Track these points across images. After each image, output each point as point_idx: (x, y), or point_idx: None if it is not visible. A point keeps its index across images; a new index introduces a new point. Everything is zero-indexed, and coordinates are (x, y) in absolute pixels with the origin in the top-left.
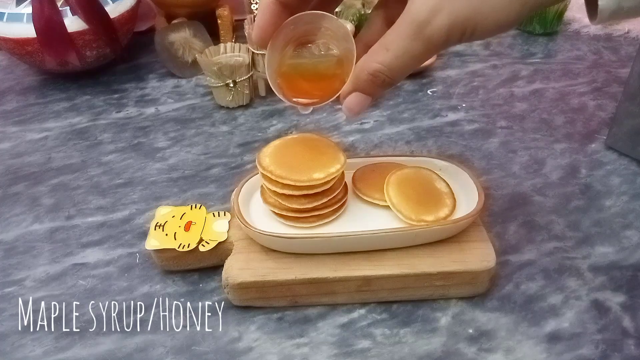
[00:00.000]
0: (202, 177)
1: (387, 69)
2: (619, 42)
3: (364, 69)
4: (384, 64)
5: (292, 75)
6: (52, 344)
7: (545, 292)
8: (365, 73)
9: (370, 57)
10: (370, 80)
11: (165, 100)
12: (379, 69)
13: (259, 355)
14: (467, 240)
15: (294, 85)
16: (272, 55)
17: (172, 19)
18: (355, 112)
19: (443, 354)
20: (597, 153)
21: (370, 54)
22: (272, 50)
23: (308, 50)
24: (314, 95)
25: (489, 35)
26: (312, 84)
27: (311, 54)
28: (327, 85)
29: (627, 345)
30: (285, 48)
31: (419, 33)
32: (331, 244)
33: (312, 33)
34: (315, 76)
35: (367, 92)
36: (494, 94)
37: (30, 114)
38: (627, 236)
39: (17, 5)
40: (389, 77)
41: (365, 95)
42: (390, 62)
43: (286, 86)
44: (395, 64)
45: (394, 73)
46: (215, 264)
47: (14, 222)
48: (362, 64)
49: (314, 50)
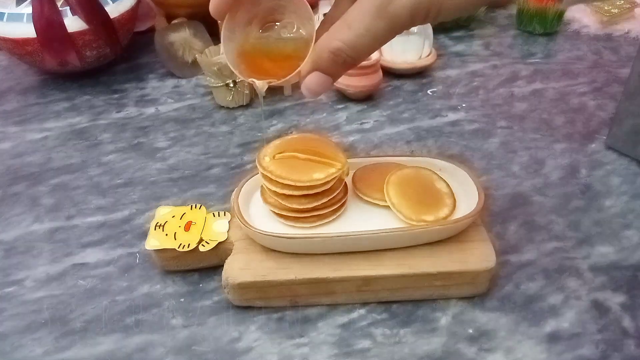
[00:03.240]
0: (202, 177)
1: (349, 47)
2: (619, 42)
3: (325, 48)
4: (345, 42)
5: (255, 54)
6: (52, 344)
7: (545, 292)
8: (327, 51)
9: (331, 34)
10: (331, 59)
11: (165, 100)
12: (341, 47)
13: (259, 355)
14: (467, 240)
15: (256, 64)
16: (231, 30)
17: (172, 19)
18: (315, 92)
19: (443, 354)
20: (597, 153)
21: (331, 31)
22: (231, 24)
23: (274, 31)
24: (274, 74)
25: (456, 16)
26: (275, 64)
27: (277, 35)
28: (288, 64)
29: (627, 345)
30: (249, 25)
31: (382, 11)
32: (331, 244)
33: (278, 12)
34: (279, 56)
35: (328, 71)
36: (494, 94)
37: (30, 114)
38: (627, 236)
39: (17, 5)
40: (350, 56)
41: (326, 75)
42: (352, 40)
43: (246, 65)
44: (358, 42)
45: (355, 52)
46: (215, 264)
47: (14, 222)
48: (323, 43)
49: (281, 31)
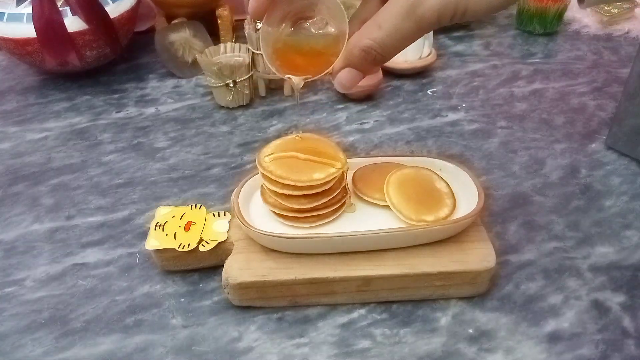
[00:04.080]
0: (202, 177)
1: (379, 45)
2: (619, 42)
3: (357, 45)
4: (376, 41)
5: (287, 51)
6: (52, 344)
7: (545, 292)
8: (358, 49)
9: (363, 33)
10: (362, 56)
11: (165, 100)
12: (371, 45)
13: (259, 355)
14: (467, 240)
15: (289, 61)
16: (267, 29)
17: (172, 19)
18: (347, 87)
19: (443, 354)
20: (597, 153)
21: (363, 30)
22: (268, 24)
23: (305, 28)
24: (307, 70)
25: (481, 16)
26: (306, 59)
27: (308, 31)
28: (321, 61)
29: (627, 345)
30: (282, 24)
31: (411, 13)
32: (331, 244)
33: (309, 9)
34: (310, 53)
35: (359, 67)
36: (494, 94)
37: (30, 114)
38: (627, 236)
39: (17, 5)
40: (380, 53)
41: (357, 71)
42: (382, 39)
43: (281, 62)
44: (387, 41)
45: (385, 50)
46: (215, 264)
47: (14, 222)
48: (354, 40)
49: (312, 28)
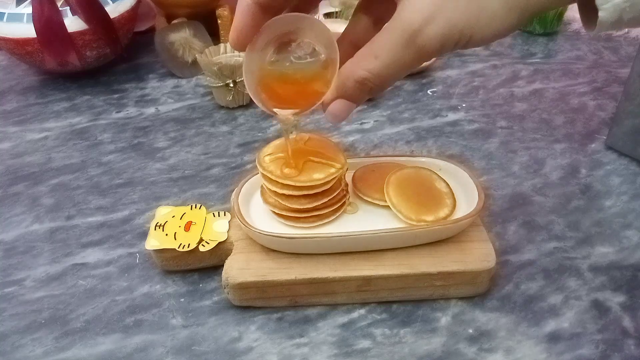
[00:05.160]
0: (202, 177)
1: (376, 77)
2: (619, 42)
3: (350, 77)
4: (372, 72)
5: (273, 82)
6: (52, 344)
7: (545, 292)
8: (352, 80)
9: (357, 63)
10: (357, 87)
11: (165, 100)
12: (367, 77)
13: (259, 355)
14: (467, 240)
15: (275, 93)
16: (250, 60)
17: (172, 19)
18: (340, 119)
19: (443, 354)
20: (597, 153)
21: (357, 60)
22: (251, 54)
23: (290, 53)
24: (296, 103)
25: (485, 44)
26: (294, 90)
27: (295, 55)
28: (310, 91)
29: (627, 345)
30: (266, 50)
31: (411, 42)
32: (331, 244)
33: (293, 32)
34: (298, 82)
35: (353, 99)
36: (494, 94)
37: (30, 114)
38: (627, 236)
39: (17, 5)
40: (376, 84)
41: (350, 102)
42: (379, 70)
43: (266, 94)
44: (384, 72)
45: (382, 81)
46: (215, 264)
47: (14, 222)
48: (347, 71)
49: (297, 51)
